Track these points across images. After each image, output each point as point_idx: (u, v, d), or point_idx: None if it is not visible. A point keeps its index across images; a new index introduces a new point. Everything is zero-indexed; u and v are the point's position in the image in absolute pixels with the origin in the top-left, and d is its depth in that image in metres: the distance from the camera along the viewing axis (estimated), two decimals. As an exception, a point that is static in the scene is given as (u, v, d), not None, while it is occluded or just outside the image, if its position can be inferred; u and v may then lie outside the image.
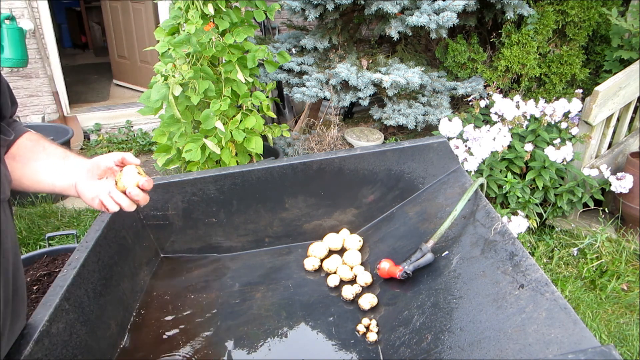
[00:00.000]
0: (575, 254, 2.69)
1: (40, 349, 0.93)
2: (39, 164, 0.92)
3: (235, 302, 1.39)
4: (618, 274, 2.54)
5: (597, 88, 2.58)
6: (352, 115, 4.64)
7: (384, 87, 3.12)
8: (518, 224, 2.57)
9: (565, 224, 2.90)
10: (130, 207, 0.95)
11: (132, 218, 1.47)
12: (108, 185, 0.95)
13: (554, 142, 2.74)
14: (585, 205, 2.77)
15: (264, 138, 2.97)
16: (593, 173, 2.69)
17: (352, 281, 1.44)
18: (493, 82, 3.41)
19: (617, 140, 3.11)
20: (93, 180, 0.95)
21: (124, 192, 0.93)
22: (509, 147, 2.73)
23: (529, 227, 2.72)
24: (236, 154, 2.77)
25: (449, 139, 2.75)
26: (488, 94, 3.25)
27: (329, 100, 3.36)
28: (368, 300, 1.33)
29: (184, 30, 2.52)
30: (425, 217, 1.48)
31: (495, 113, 2.88)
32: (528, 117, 2.86)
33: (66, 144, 3.49)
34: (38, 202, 3.24)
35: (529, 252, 1.80)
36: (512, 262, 1.11)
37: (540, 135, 2.78)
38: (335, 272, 1.48)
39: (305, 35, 3.60)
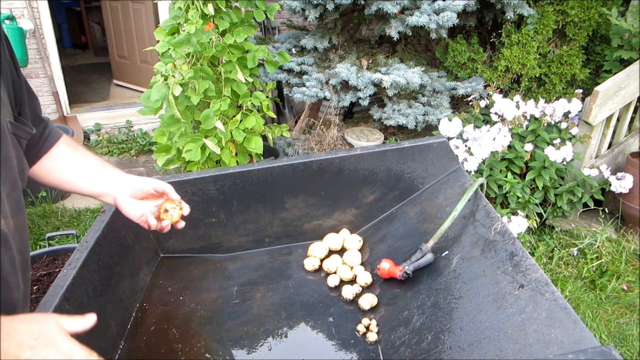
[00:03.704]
0: (575, 254, 2.69)
1: (40, 349, 0.93)
2: (77, 171, 1.05)
3: (235, 302, 1.39)
4: (618, 274, 2.54)
5: (597, 88, 2.58)
6: (352, 115, 4.64)
7: (384, 87, 3.12)
8: (518, 224, 2.57)
9: (565, 224, 2.90)
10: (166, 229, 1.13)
11: (132, 218, 1.46)
12: (152, 208, 1.12)
13: (554, 142, 2.74)
14: (585, 205, 2.77)
15: (264, 138, 2.97)
16: (593, 173, 2.69)
17: (352, 281, 1.44)
18: (493, 82, 3.41)
19: (617, 140, 3.11)
20: (136, 200, 1.11)
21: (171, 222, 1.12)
22: (509, 147, 2.73)
23: (529, 227, 2.72)
24: (236, 154, 2.77)
25: (449, 139, 2.75)
26: (488, 94, 3.25)
27: (329, 100, 3.36)
28: (368, 300, 1.33)
29: (184, 30, 2.52)
30: (425, 217, 1.48)
31: (495, 113, 2.88)
32: (528, 117, 2.86)
33: (66, 144, 3.49)
34: (38, 202, 3.24)
35: (529, 252, 1.81)
36: (512, 262, 1.11)
37: (540, 135, 2.78)
38: (335, 272, 1.48)
39: (305, 35, 3.60)
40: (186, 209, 1.14)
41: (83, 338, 1.11)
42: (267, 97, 2.85)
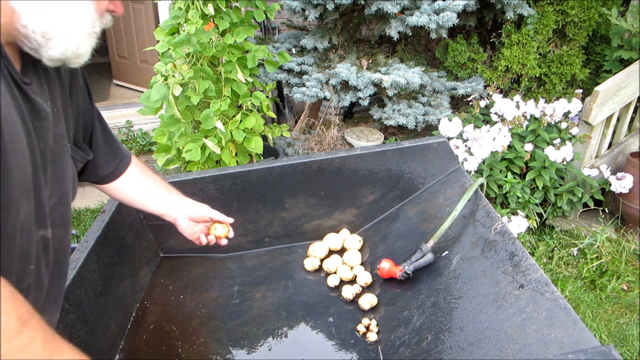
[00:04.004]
0: (575, 254, 2.69)
1: (40, 349, 0.93)
2: (146, 194, 1.19)
3: (235, 302, 1.39)
4: (618, 274, 2.54)
5: (597, 88, 2.58)
6: (352, 115, 4.64)
7: (384, 87, 3.12)
8: (518, 224, 2.57)
9: (565, 224, 2.90)
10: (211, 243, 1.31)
11: (132, 218, 1.47)
12: (203, 228, 1.30)
13: (554, 142, 2.74)
14: (585, 205, 2.77)
15: (264, 138, 2.97)
16: (593, 173, 2.69)
17: (352, 281, 1.44)
18: (493, 82, 3.41)
19: (617, 140, 3.11)
20: (192, 223, 1.26)
21: (215, 236, 1.29)
22: (509, 147, 2.73)
23: (529, 227, 2.72)
24: (236, 154, 2.77)
25: (449, 139, 2.74)
26: (488, 94, 3.25)
27: (329, 100, 3.36)
28: (368, 300, 1.33)
29: (184, 30, 2.52)
30: (425, 217, 1.48)
31: (495, 113, 2.88)
32: (528, 117, 2.86)
33: (66, 144, 3.48)
34: (38, 202, 3.24)
35: (529, 252, 1.80)
36: (512, 262, 1.11)
37: (540, 135, 2.78)
38: (335, 272, 1.48)
39: (305, 35, 3.60)
40: (231, 233, 1.30)
41: (84, 337, 1.11)
42: (267, 97, 2.85)
